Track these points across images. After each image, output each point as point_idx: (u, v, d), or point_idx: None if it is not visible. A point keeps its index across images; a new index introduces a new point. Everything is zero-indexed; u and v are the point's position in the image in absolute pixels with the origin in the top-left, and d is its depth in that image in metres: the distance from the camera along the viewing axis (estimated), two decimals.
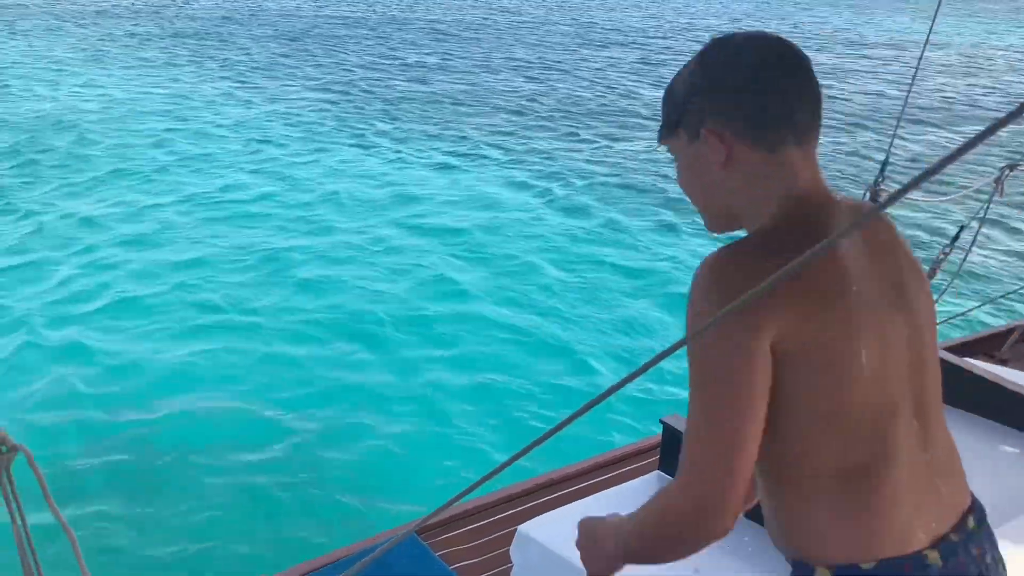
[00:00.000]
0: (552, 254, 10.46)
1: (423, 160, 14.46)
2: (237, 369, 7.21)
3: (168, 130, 15.05)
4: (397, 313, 8.56)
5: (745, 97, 1.43)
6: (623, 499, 3.29)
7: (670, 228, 11.70)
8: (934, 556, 1.39)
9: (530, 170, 14.06)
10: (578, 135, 16.61)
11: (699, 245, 11.09)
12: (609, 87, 21.13)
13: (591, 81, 21.93)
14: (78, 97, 17.09)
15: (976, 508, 1.52)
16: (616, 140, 16.60)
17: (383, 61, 23.26)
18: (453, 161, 14.45)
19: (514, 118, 17.56)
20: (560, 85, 21.02)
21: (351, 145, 15.01)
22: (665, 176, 13.67)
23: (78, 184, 12.00)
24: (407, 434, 6.49)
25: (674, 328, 8.63)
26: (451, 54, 24.82)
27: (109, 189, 11.88)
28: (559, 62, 24.37)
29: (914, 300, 1.48)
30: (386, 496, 5.73)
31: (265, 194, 12.08)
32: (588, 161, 14.78)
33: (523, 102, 19.09)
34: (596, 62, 24.65)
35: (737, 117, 1.44)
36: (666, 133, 1.57)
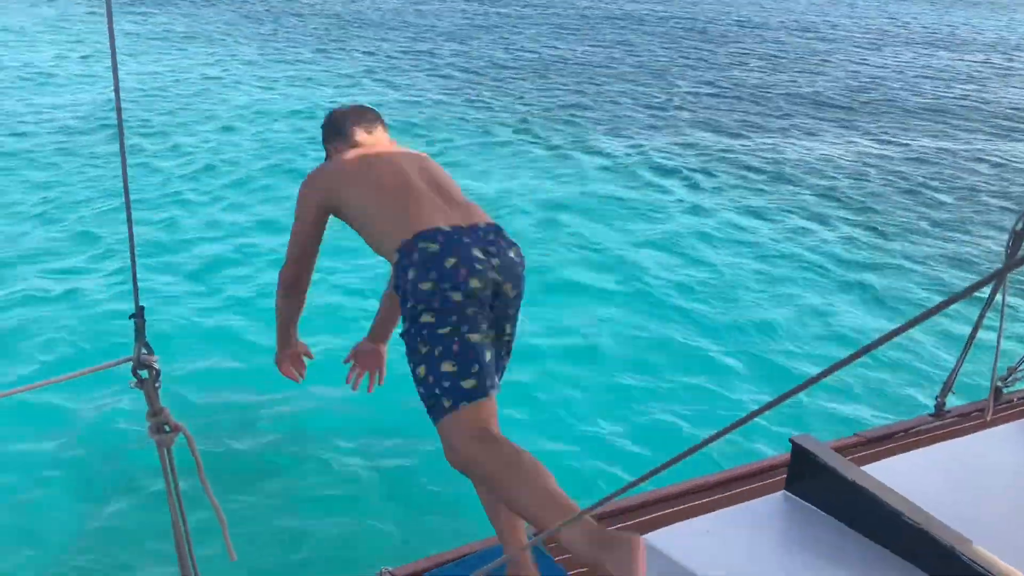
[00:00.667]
0: (691, 251, 10.37)
1: (558, 147, 14.53)
2: None
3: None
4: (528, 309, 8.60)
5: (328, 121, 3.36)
6: (748, 517, 3.24)
7: (811, 231, 11.38)
8: (445, 228, 2.68)
9: (667, 164, 13.93)
10: (728, 127, 16.33)
11: (845, 250, 10.79)
12: (738, 78, 20.73)
13: (720, 71, 21.56)
14: (221, 87, 18.04)
15: (495, 227, 2.84)
16: (768, 133, 16.28)
17: (515, 51, 23.53)
18: (595, 150, 14.45)
19: (653, 110, 17.44)
20: (693, 73, 20.76)
21: (485, 131, 15.23)
22: (821, 173, 13.34)
23: (232, 171, 12.61)
24: (533, 437, 6.56)
25: (828, 339, 8.40)
26: (594, 42, 24.91)
27: (261, 179, 12.39)
28: (698, 51, 24.04)
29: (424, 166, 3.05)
30: None
31: None
32: (736, 155, 14.55)
33: (668, 92, 18.96)
34: (722, 55, 24.18)
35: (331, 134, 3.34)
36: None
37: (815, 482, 3.23)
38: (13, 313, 7.90)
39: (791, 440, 3.43)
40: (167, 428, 2.18)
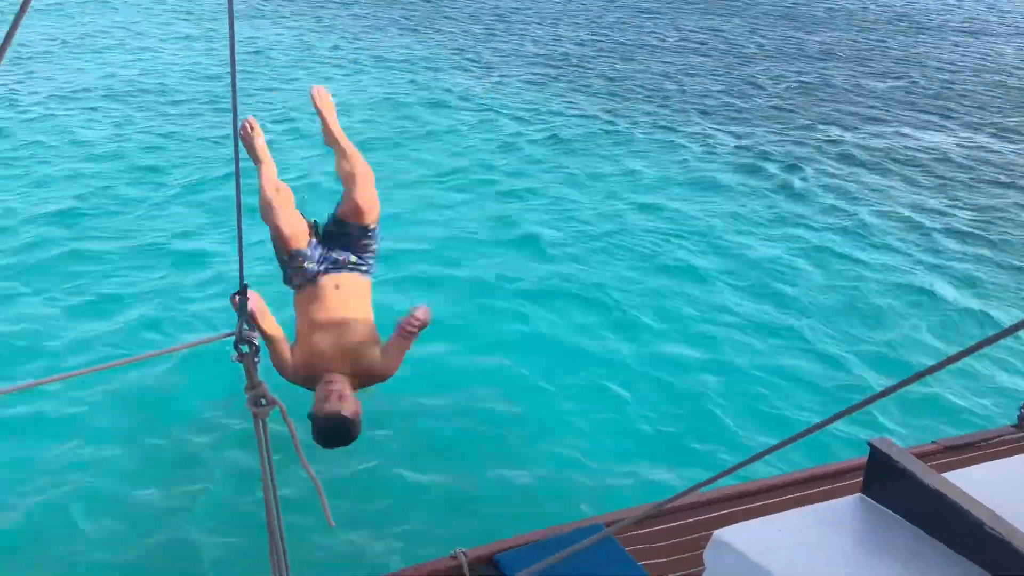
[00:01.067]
0: (789, 245, 10.21)
1: (652, 139, 14.39)
2: (471, 332, 7.67)
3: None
4: (627, 295, 8.65)
5: None
6: (822, 518, 3.21)
7: (906, 226, 11.07)
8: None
9: (769, 157, 13.68)
10: (819, 126, 15.96)
11: (942, 247, 10.45)
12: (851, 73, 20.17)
13: (818, 66, 21.02)
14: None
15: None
16: (863, 122, 15.87)
17: (602, 35, 23.31)
18: (685, 144, 14.26)
19: (742, 102, 17.14)
20: (791, 67, 20.29)
21: (580, 122, 15.20)
22: (918, 164, 12.89)
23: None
24: (617, 427, 6.64)
25: (915, 342, 8.22)
26: (690, 31, 24.55)
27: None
28: (787, 38, 23.45)
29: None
30: (580, 485, 5.90)
31: (519, 170, 12.35)
32: (830, 144, 14.23)
33: (754, 84, 18.60)
34: (812, 43, 23.52)
35: None
36: None
37: (893, 487, 3.19)
38: (117, 288, 8.29)
39: (870, 443, 3.38)
40: (263, 401, 2.31)
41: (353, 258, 3.11)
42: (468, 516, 5.44)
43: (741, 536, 2.84)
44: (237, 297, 2.74)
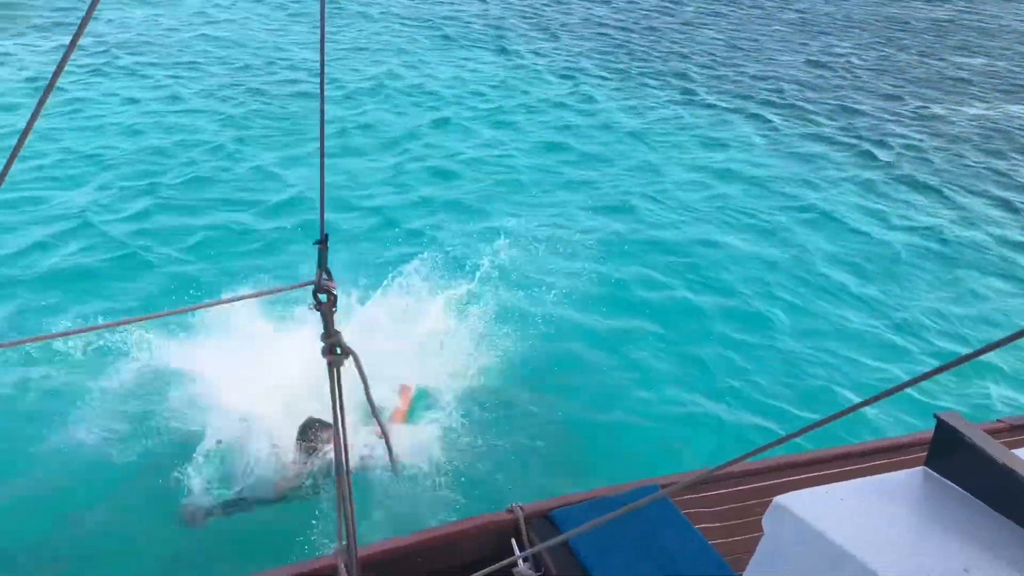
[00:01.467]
0: (851, 220, 10.07)
1: (716, 107, 14.19)
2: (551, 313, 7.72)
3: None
4: (695, 262, 8.68)
5: None
6: (885, 489, 3.18)
7: (976, 207, 10.75)
8: None
9: (854, 131, 13.39)
10: (902, 100, 15.49)
11: (1013, 229, 10.20)
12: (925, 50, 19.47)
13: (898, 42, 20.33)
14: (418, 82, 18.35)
15: None
16: (937, 102, 15.37)
17: (673, 8, 22.90)
18: (768, 117, 14.04)
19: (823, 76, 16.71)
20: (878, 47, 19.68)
21: (638, 91, 14.97)
22: (1000, 153, 12.52)
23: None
24: (684, 390, 6.67)
25: (980, 317, 8.06)
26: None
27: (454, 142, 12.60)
28: (861, 10, 22.71)
29: None
30: (637, 448, 5.96)
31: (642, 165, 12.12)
32: (901, 122, 13.82)
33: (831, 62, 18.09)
34: (881, 20, 22.71)
35: None
36: None
37: (960, 460, 3.14)
38: (202, 237, 8.59)
39: (936, 416, 3.32)
40: (337, 351, 2.36)
41: None
42: (525, 474, 5.53)
43: (802, 502, 2.82)
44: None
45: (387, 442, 2.43)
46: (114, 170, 10.21)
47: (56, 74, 1.38)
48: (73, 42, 1.36)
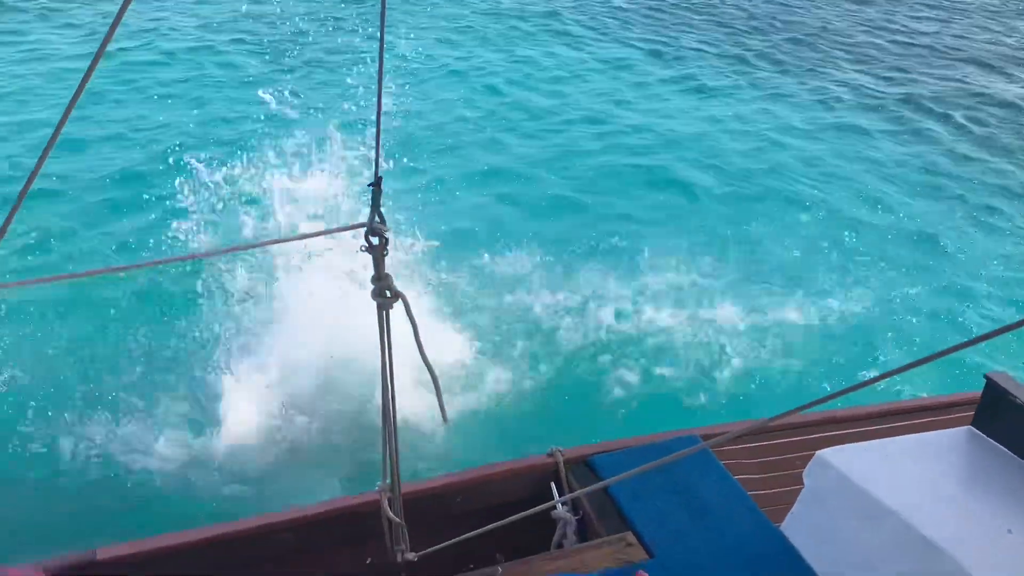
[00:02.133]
0: (904, 188, 9.90)
1: (766, 80, 13.93)
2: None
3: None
4: (745, 222, 8.66)
5: None
6: (929, 447, 3.17)
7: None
8: None
9: (918, 103, 13.04)
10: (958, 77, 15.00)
11: None
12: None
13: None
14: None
15: None
16: (984, 75, 14.82)
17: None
18: (830, 87, 13.68)
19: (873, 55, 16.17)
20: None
21: (693, 65, 14.70)
22: None
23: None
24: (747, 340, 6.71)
25: None
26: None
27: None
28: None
29: None
30: (680, 398, 6.02)
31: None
32: (950, 94, 13.40)
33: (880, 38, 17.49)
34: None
35: None
36: None
37: (1008, 422, 3.10)
38: (253, 181, 8.67)
39: (987, 376, 3.28)
40: (387, 294, 2.39)
41: None
42: (567, 419, 5.60)
43: (844, 457, 2.83)
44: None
45: (435, 385, 2.47)
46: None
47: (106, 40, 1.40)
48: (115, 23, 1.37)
